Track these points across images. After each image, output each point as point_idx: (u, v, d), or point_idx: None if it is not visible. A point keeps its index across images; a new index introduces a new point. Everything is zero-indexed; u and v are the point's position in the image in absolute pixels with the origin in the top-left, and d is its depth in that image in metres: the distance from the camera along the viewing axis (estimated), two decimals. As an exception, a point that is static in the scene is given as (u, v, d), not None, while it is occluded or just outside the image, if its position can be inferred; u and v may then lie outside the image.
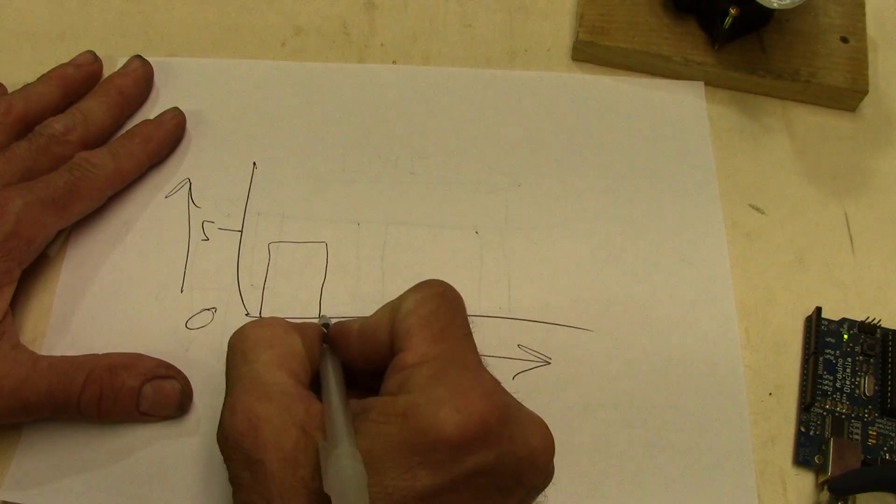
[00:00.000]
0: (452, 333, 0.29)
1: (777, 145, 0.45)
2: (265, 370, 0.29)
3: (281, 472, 0.26)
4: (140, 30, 0.48)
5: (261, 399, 0.28)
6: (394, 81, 0.46)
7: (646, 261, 0.41)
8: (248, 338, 0.30)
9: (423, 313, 0.29)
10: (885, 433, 0.36)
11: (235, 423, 0.27)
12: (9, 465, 0.35)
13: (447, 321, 0.29)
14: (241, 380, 0.29)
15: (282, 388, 0.28)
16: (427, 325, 0.29)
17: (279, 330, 0.31)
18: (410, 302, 0.30)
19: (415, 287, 0.31)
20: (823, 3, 0.47)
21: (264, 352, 0.29)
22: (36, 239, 0.37)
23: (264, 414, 0.27)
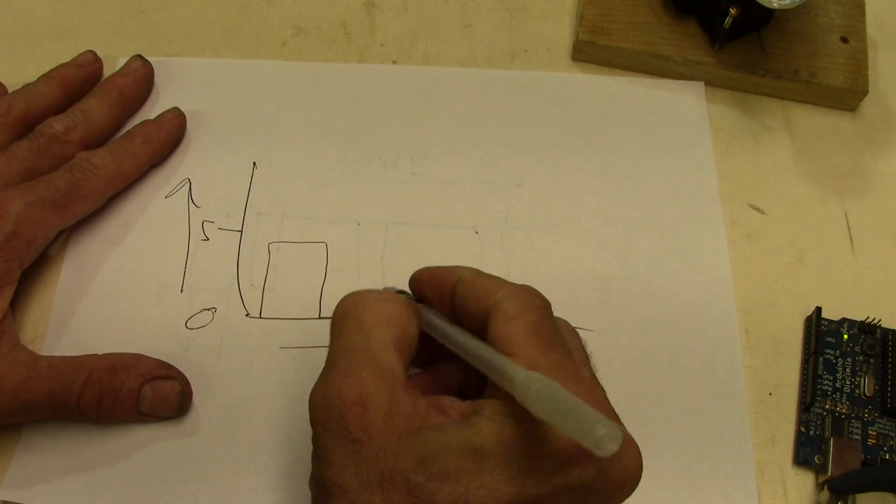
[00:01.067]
0: (561, 346, 0.28)
1: (777, 145, 0.45)
2: (382, 349, 0.28)
3: (382, 459, 0.25)
4: (140, 30, 0.48)
5: (375, 378, 0.26)
6: (394, 81, 0.46)
7: (646, 261, 0.41)
8: (370, 308, 0.29)
9: (529, 321, 0.28)
10: (885, 433, 0.36)
11: (344, 391, 0.26)
12: (9, 465, 0.35)
13: (553, 333, 0.28)
14: (356, 350, 0.28)
15: (395, 373, 0.27)
16: (536, 334, 0.27)
17: (401, 308, 0.29)
18: (513, 306, 0.28)
19: (515, 289, 0.29)
20: (823, 3, 0.47)
21: (384, 329, 0.28)
22: (36, 239, 0.37)
23: (376, 394, 0.26)
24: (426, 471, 0.25)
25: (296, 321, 0.39)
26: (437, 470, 0.25)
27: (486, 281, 0.30)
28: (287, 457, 0.35)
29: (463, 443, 0.25)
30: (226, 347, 0.38)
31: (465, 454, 0.25)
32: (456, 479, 0.25)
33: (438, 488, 0.25)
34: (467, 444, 0.25)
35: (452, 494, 0.25)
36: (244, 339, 0.38)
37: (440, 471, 0.25)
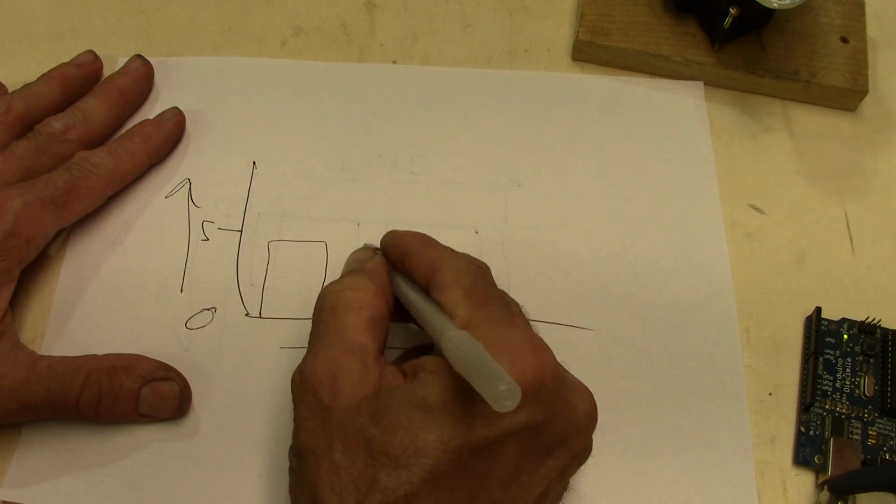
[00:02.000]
0: (494, 301, 0.30)
1: (777, 145, 0.45)
2: (353, 331, 0.30)
3: (345, 420, 0.27)
4: (140, 30, 0.48)
5: (345, 354, 0.29)
6: (393, 81, 0.46)
7: (646, 260, 0.41)
8: (341, 297, 0.31)
9: (463, 284, 0.30)
10: (885, 433, 0.36)
11: (317, 368, 0.29)
12: (9, 465, 0.35)
13: (487, 290, 0.31)
14: (329, 334, 0.30)
15: (364, 349, 0.29)
16: (469, 294, 0.30)
17: (370, 294, 0.31)
18: (448, 274, 0.31)
19: (451, 259, 0.32)
20: (823, 3, 0.47)
21: (354, 313, 0.30)
22: (35, 238, 0.37)
23: (346, 367, 0.28)
24: (378, 423, 0.27)
25: (296, 321, 0.39)
26: (389, 422, 0.27)
27: (429, 252, 0.32)
28: (286, 456, 0.35)
29: (410, 396, 0.27)
30: (226, 347, 0.38)
31: (412, 405, 0.27)
32: (406, 429, 0.26)
33: (390, 438, 0.26)
34: (414, 397, 0.27)
35: (403, 442, 0.26)
36: (244, 338, 0.38)
37: (391, 423, 0.26)
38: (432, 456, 0.26)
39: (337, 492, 0.26)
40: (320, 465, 0.27)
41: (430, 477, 0.26)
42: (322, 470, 0.27)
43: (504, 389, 0.24)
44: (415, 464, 0.26)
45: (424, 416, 0.26)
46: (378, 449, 0.26)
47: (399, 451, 0.26)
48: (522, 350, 0.27)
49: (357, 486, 0.26)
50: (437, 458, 0.26)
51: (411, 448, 0.26)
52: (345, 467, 0.27)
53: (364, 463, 0.26)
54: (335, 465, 0.27)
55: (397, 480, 0.26)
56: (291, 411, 0.36)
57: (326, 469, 0.27)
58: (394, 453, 0.26)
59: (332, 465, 0.27)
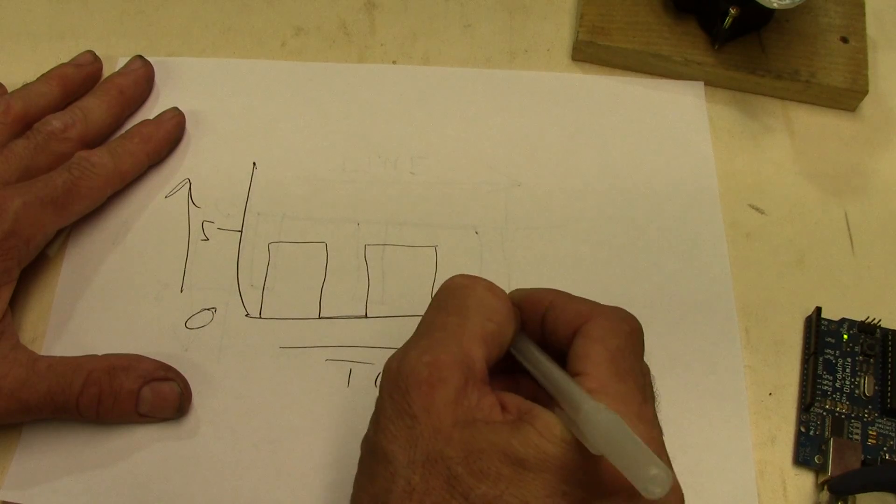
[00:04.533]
0: (634, 379, 0.28)
1: (777, 145, 0.45)
2: (471, 339, 0.28)
3: (432, 442, 0.26)
4: (140, 30, 0.48)
5: (452, 362, 0.27)
6: (394, 81, 0.46)
7: (646, 261, 0.41)
8: (475, 296, 0.29)
9: (610, 345, 0.28)
10: (885, 433, 0.36)
11: (418, 367, 0.27)
12: (9, 465, 0.35)
13: (632, 363, 0.28)
14: (446, 331, 0.28)
15: (473, 365, 0.27)
16: (612, 359, 0.28)
17: (505, 306, 0.29)
18: (599, 328, 0.28)
19: (605, 311, 0.29)
20: (823, 3, 0.47)
21: (481, 320, 0.28)
22: (35, 238, 0.37)
23: (447, 379, 0.26)
24: (469, 466, 0.25)
25: (296, 321, 0.39)
26: (479, 468, 0.25)
27: (577, 304, 0.30)
28: (287, 456, 0.35)
29: (508, 449, 0.25)
30: (226, 347, 0.38)
31: (508, 461, 0.25)
32: (494, 482, 0.25)
33: (475, 485, 0.25)
34: (511, 452, 0.25)
35: (487, 495, 0.25)
36: (244, 339, 0.38)
37: (481, 469, 0.25)
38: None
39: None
40: (395, 479, 0.26)
41: None
42: (396, 485, 0.26)
43: (657, 474, 0.22)
44: None
45: (517, 475, 0.25)
46: (459, 489, 0.25)
47: (480, 501, 0.25)
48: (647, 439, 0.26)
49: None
50: None
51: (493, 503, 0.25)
52: (420, 493, 0.25)
53: (440, 496, 0.25)
54: (411, 487, 0.25)
55: None
56: (291, 410, 0.36)
57: (401, 488, 0.26)
58: (474, 501, 0.25)
59: (407, 485, 0.25)
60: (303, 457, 0.35)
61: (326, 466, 0.35)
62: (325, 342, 0.38)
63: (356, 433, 0.36)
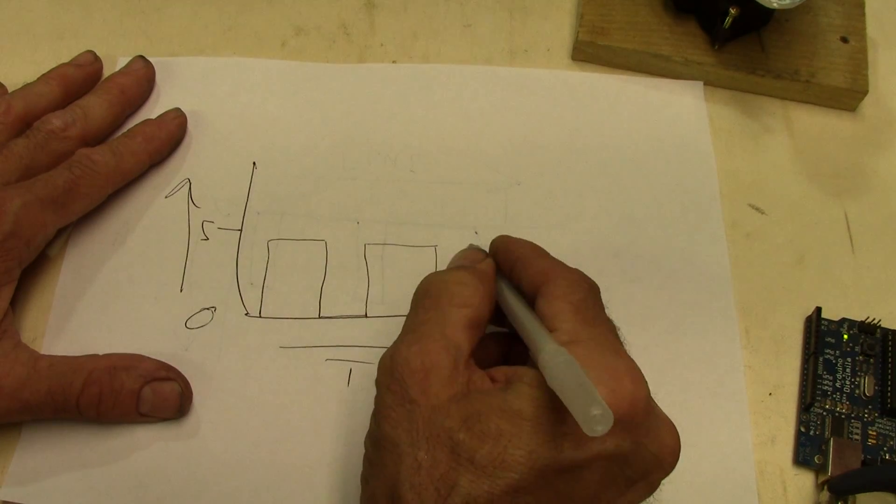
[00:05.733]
0: (602, 322, 0.30)
1: (777, 145, 0.45)
2: (452, 327, 0.29)
3: (432, 418, 0.27)
4: (140, 30, 0.48)
5: (440, 349, 0.28)
6: (393, 81, 0.46)
7: (646, 260, 0.41)
8: (447, 289, 0.31)
9: (573, 299, 0.30)
10: (885, 433, 0.36)
11: (410, 357, 0.28)
12: (9, 464, 0.35)
13: (597, 311, 0.30)
14: (429, 324, 0.30)
15: (459, 349, 0.29)
16: (578, 310, 0.29)
17: (477, 294, 0.31)
18: (560, 287, 0.30)
19: (565, 272, 0.31)
20: (823, 3, 0.47)
21: (458, 309, 0.30)
22: (35, 238, 0.37)
23: (438, 363, 0.28)
24: (469, 430, 0.26)
25: (295, 320, 0.39)
26: (479, 430, 0.26)
27: (541, 262, 0.32)
28: (287, 456, 0.35)
29: (504, 405, 0.27)
30: (225, 347, 0.38)
31: (505, 416, 0.26)
32: (496, 439, 0.26)
33: (479, 446, 0.26)
34: (507, 407, 0.26)
35: (491, 453, 0.26)
36: (244, 338, 0.38)
37: (482, 430, 0.26)
38: (517, 471, 0.26)
39: (416, 490, 0.26)
40: (402, 460, 0.27)
41: (512, 490, 0.26)
42: (403, 465, 0.27)
43: (597, 414, 0.24)
44: (499, 475, 0.26)
45: (515, 428, 0.26)
46: (464, 454, 0.26)
47: (485, 460, 0.26)
48: (621, 377, 0.27)
49: (437, 488, 0.26)
50: (522, 473, 0.26)
51: (498, 459, 0.26)
52: (427, 467, 0.26)
53: (447, 466, 0.26)
54: (417, 463, 0.26)
55: (479, 489, 0.26)
56: (291, 410, 0.36)
57: (408, 465, 0.27)
58: (480, 461, 0.26)
59: (414, 462, 0.26)
60: (303, 456, 0.35)
61: (326, 466, 0.35)
62: (324, 342, 0.38)
63: (356, 433, 0.36)
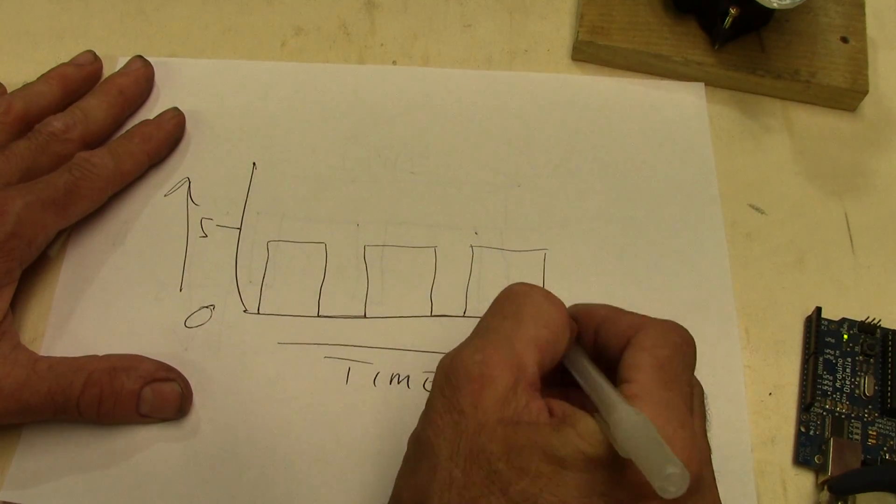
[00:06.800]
0: (680, 388, 0.28)
1: (777, 145, 0.45)
2: (525, 343, 0.28)
3: (476, 436, 0.26)
4: (140, 30, 0.48)
5: (504, 364, 0.27)
6: (394, 81, 0.46)
7: (646, 261, 0.41)
8: (532, 302, 0.29)
9: (658, 354, 0.28)
10: (885, 433, 0.36)
11: (471, 365, 0.27)
12: (9, 466, 0.35)
13: (679, 373, 0.29)
14: (501, 332, 0.28)
15: (524, 369, 0.28)
16: (660, 368, 0.28)
17: (561, 315, 0.29)
18: (649, 338, 0.29)
19: (655, 323, 0.30)
20: (823, 3, 0.47)
21: (536, 327, 0.29)
22: (36, 239, 0.37)
23: (498, 379, 0.27)
24: (510, 462, 0.26)
25: (294, 318, 0.39)
26: (519, 465, 0.26)
27: (629, 317, 0.30)
28: (286, 455, 0.35)
29: (549, 448, 0.26)
30: (224, 344, 0.38)
31: (547, 459, 0.26)
32: (534, 479, 0.25)
33: (515, 481, 0.25)
34: (552, 452, 0.26)
35: (526, 491, 0.25)
36: (242, 334, 0.38)
37: (521, 466, 0.26)
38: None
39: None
40: (437, 471, 0.26)
41: None
42: (437, 478, 0.26)
43: (673, 473, 0.23)
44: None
45: (556, 474, 0.25)
46: (499, 484, 0.25)
47: (519, 496, 0.25)
48: (688, 446, 0.26)
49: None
50: None
51: (531, 500, 0.25)
52: (459, 487, 0.26)
53: (480, 490, 0.26)
54: (451, 480, 0.26)
55: None
56: (290, 408, 0.36)
57: (441, 479, 0.26)
58: (513, 496, 0.25)
59: (448, 477, 0.26)
60: (301, 455, 0.35)
61: (325, 463, 0.35)
62: (323, 340, 0.38)
63: (355, 431, 0.36)
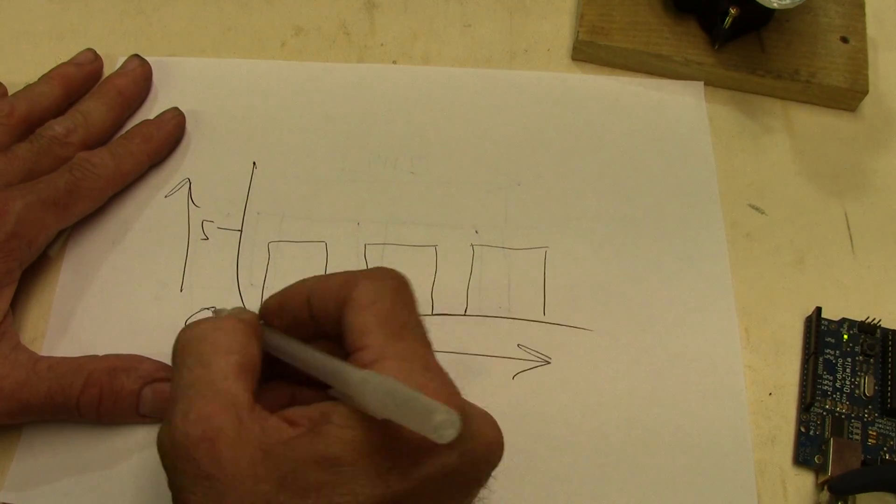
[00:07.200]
0: (411, 331, 0.28)
1: (777, 145, 0.45)
2: (223, 378, 0.27)
3: (242, 487, 0.25)
4: (140, 30, 0.48)
5: (218, 410, 0.26)
6: (393, 81, 0.46)
7: (646, 261, 0.41)
8: (207, 340, 0.28)
9: (379, 310, 0.27)
10: (885, 433, 0.36)
11: (189, 430, 0.25)
12: (9, 466, 0.35)
13: (406, 318, 0.28)
14: (196, 385, 0.27)
15: (240, 400, 0.26)
16: (386, 322, 0.27)
17: (238, 334, 0.28)
18: (364, 294, 0.28)
19: (367, 274, 0.29)
20: (823, 3, 0.47)
21: (223, 358, 0.27)
22: (37, 239, 0.37)
23: (221, 426, 0.25)
24: (286, 489, 0.25)
25: None
26: (298, 486, 0.24)
27: (337, 277, 0.29)
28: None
29: (316, 454, 0.25)
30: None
31: (321, 466, 0.25)
32: (318, 492, 0.24)
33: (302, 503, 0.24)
34: (321, 455, 0.25)
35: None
36: (244, 339, 0.38)
37: (301, 487, 0.24)
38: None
39: None
40: None
41: None
42: None
43: (443, 419, 0.22)
44: None
45: (336, 475, 0.24)
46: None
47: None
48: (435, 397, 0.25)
49: None
50: None
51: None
52: None
53: None
54: None
55: None
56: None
57: None
58: None
59: None
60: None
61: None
62: None
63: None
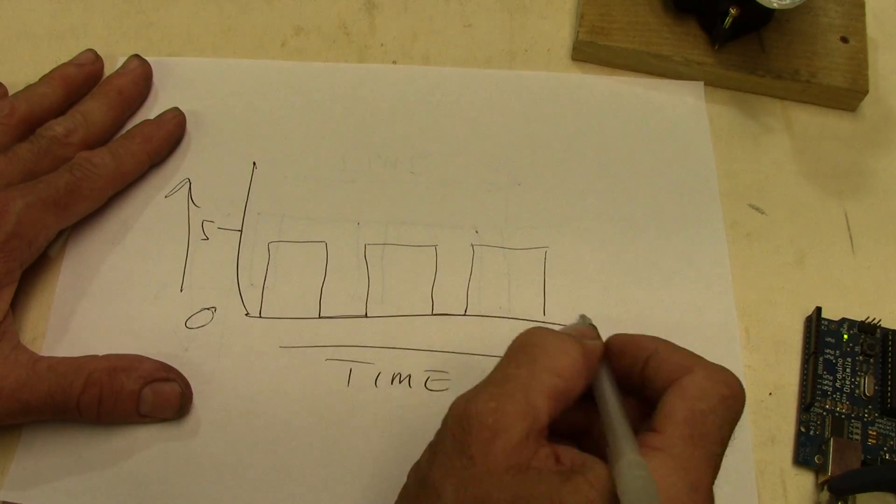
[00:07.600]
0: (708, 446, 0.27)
1: (777, 145, 0.45)
2: (538, 393, 0.28)
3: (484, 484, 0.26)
4: (140, 30, 0.48)
5: (517, 413, 0.27)
6: (394, 81, 0.46)
7: (646, 260, 0.41)
8: (546, 353, 0.29)
9: (695, 407, 0.27)
10: (885, 433, 0.36)
11: (485, 413, 0.27)
12: (9, 466, 0.35)
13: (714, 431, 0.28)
14: (515, 382, 0.28)
15: (537, 418, 0.27)
16: (692, 422, 0.27)
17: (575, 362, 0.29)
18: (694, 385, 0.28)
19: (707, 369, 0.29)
20: (823, 3, 0.47)
21: (550, 377, 0.28)
22: (37, 239, 0.37)
23: (511, 429, 0.27)
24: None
25: (295, 320, 0.39)
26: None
27: (681, 356, 0.29)
28: (287, 456, 0.35)
29: (556, 497, 0.25)
30: (225, 347, 0.38)
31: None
32: None
33: None
34: (559, 500, 0.25)
35: None
36: (244, 338, 0.38)
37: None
38: None
39: None
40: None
41: None
42: None
43: None
44: None
45: None
46: None
47: None
48: None
49: None
50: None
51: None
52: None
53: None
54: None
55: None
56: (291, 410, 0.36)
57: None
58: None
59: None
60: (302, 456, 0.35)
61: (326, 466, 0.35)
62: (324, 342, 0.38)
63: (356, 432, 0.36)
